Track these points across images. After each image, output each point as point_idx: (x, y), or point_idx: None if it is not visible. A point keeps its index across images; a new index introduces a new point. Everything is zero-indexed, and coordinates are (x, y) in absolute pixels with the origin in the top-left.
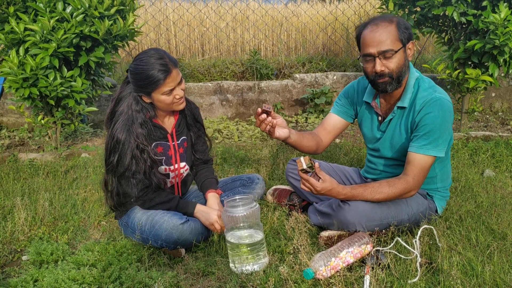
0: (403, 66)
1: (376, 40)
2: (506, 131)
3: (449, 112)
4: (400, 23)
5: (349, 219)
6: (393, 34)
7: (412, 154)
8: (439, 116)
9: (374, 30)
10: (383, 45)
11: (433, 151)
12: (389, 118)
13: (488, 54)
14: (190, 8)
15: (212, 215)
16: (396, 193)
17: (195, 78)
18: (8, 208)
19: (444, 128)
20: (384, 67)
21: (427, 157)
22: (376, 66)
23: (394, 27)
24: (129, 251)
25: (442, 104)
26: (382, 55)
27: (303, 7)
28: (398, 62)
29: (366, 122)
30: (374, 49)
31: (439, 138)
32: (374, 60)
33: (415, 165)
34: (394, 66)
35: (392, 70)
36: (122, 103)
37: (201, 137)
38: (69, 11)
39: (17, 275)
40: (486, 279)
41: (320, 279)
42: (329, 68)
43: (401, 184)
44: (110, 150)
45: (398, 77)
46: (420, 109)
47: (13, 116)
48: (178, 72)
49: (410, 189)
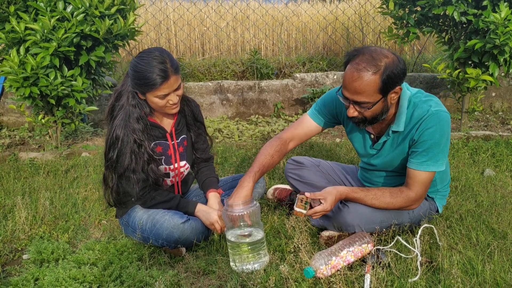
0: (379, 113)
1: (352, 88)
2: (506, 131)
3: (447, 125)
4: (386, 71)
5: (349, 221)
6: (373, 86)
7: (412, 171)
8: (437, 131)
9: (355, 77)
10: (359, 96)
11: (433, 166)
12: (383, 140)
13: (489, 53)
14: (190, 8)
15: (212, 215)
16: (396, 205)
17: (196, 78)
18: (8, 207)
19: (443, 142)
20: (357, 112)
21: (427, 173)
22: (348, 111)
23: (378, 78)
24: (130, 250)
25: (439, 118)
26: (357, 105)
27: (303, 6)
28: (373, 111)
29: (357, 138)
30: (349, 95)
31: (439, 153)
32: (348, 104)
33: (416, 180)
34: (368, 114)
35: (366, 116)
36: (123, 98)
37: (201, 135)
38: (69, 10)
39: (18, 274)
40: (486, 278)
41: (321, 278)
42: (329, 68)
43: (403, 199)
44: (109, 145)
45: (373, 120)
46: (418, 126)
47: (14, 115)
48: (177, 79)
49: (412, 203)
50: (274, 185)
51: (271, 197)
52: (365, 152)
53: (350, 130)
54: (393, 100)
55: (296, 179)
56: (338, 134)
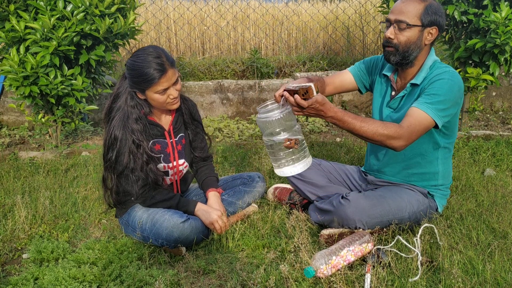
0: (412, 44)
1: (397, 8)
2: (507, 130)
3: (458, 85)
4: (432, 7)
5: (350, 215)
6: (417, 10)
7: (412, 108)
8: (447, 84)
9: (403, 0)
10: (401, 15)
11: (432, 112)
12: (401, 95)
13: (489, 53)
14: (190, 7)
15: (212, 214)
16: (385, 133)
17: (196, 77)
18: (8, 206)
19: (450, 96)
20: (394, 36)
21: (425, 114)
22: (386, 32)
23: (423, 6)
24: (130, 249)
25: (453, 75)
26: (396, 24)
27: (304, 5)
28: (408, 38)
29: (378, 94)
30: (392, 16)
31: (441, 102)
32: (389, 26)
33: (413, 117)
34: (403, 39)
35: (400, 42)
36: (120, 99)
37: (199, 134)
38: (69, 9)
39: (17, 273)
40: (487, 277)
41: (321, 277)
42: (329, 67)
43: (394, 127)
44: (108, 146)
45: (404, 52)
46: (431, 78)
47: (14, 114)
48: (174, 73)
49: (401, 136)
50: (275, 184)
51: (271, 196)
52: (380, 109)
53: (376, 86)
54: (427, 40)
55: (297, 178)
56: (338, 134)
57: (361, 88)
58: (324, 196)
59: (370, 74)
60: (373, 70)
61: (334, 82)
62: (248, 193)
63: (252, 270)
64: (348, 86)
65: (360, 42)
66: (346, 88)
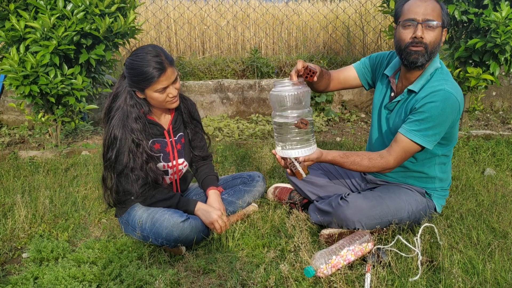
0: (437, 45)
1: (423, 8)
2: (507, 130)
3: (451, 107)
4: (443, 7)
5: (349, 216)
6: (439, 10)
7: (400, 135)
8: (439, 108)
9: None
10: (430, 15)
11: (420, 139)
12: (397, 99)
13: (489, 52)
14: (190, 6)
15: (212, 214)
16: (373, 170)
17: (196, 76)
18: (8, 206)
19: (440, 121)
20: (424, 35)
21: (412, 143)
22: (417, 31)
23: (439, 6)
24: (130, 249)
25: (447, 97)
26: (425, 24)
27: (304, 5)
28: (435, 38)
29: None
30: (420, 16)
31: (430, 128)
32: (415, 26)
33: (400, 146)
34: (432, 39)
35: (429, 43)
36: (119, 98)
37: (198, 133)
38: (69, 8)
39: (17, 273)
40: (487, 277)
41: (321, 277)
42: (330, 67)
43: (381, 164)
44: (107, 146)
45: (431, 53)
46: (424, 96)
47: (14, 113)
48: (174, 71)
49: (389, 169)
50: (275, 183)
51: (272, 195)
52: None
53: (378, 86)
54: (442, 40)
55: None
56: (338, 134)
57: (364, 84)
58: (325, 196)
59: (374, 71)
60: (378, 67)
61: (339, 77)
62: (248, 192)
63: (252, 269)
64: (352, 82)
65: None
66: (350, 84)
